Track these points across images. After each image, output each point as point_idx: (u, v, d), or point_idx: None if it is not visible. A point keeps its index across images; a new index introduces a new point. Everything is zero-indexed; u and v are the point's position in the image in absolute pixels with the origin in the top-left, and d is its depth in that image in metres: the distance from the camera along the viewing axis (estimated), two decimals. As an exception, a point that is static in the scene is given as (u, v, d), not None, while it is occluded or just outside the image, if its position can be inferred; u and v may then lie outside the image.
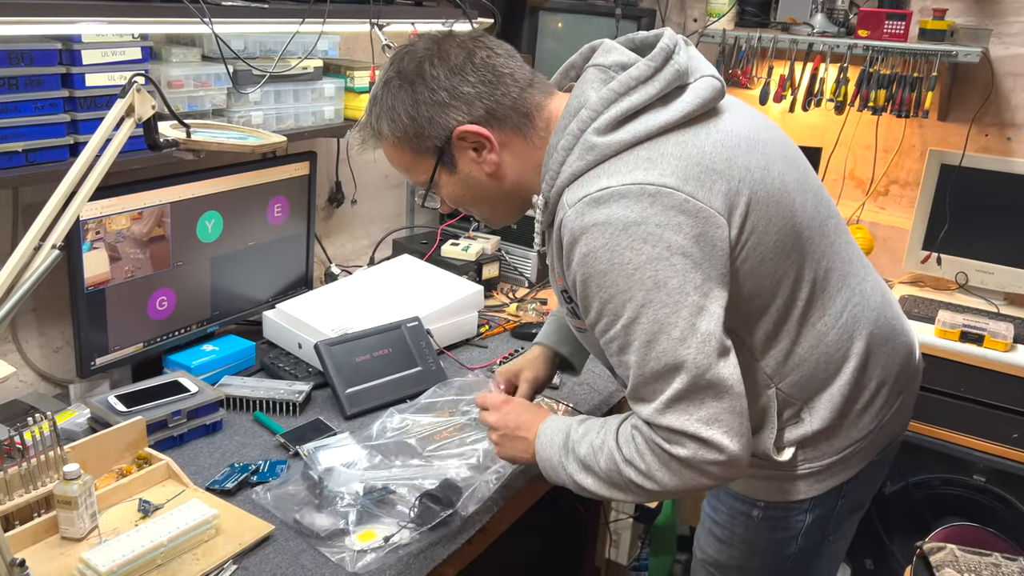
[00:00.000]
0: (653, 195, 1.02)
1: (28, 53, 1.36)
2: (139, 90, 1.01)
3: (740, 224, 1.08)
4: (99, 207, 1.54)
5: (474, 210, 1.26)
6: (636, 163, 1.05)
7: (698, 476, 1.07)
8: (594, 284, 1.05)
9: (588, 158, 1.08)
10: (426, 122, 1.13)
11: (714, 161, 1.07)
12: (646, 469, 1.08)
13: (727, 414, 1.04)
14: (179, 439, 1.54)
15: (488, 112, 1.12)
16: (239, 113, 1.76)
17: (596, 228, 1.03)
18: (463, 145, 1.14)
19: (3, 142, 1.36)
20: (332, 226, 2.40)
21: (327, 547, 1.28)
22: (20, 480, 1.26)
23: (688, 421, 1.04)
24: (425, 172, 1.18)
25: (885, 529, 2.40)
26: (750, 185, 1.09)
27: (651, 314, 1.02)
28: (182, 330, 1.81)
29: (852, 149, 2.79)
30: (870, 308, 1.25)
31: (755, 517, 1.30)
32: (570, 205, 1.07)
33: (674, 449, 1.05)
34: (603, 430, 1.16)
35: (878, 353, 1.25)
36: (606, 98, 1.09)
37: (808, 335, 1.18)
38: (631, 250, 1.02)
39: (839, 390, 1.21)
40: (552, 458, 1.22)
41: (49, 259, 0.88)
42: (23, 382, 1.71)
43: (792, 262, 1.14)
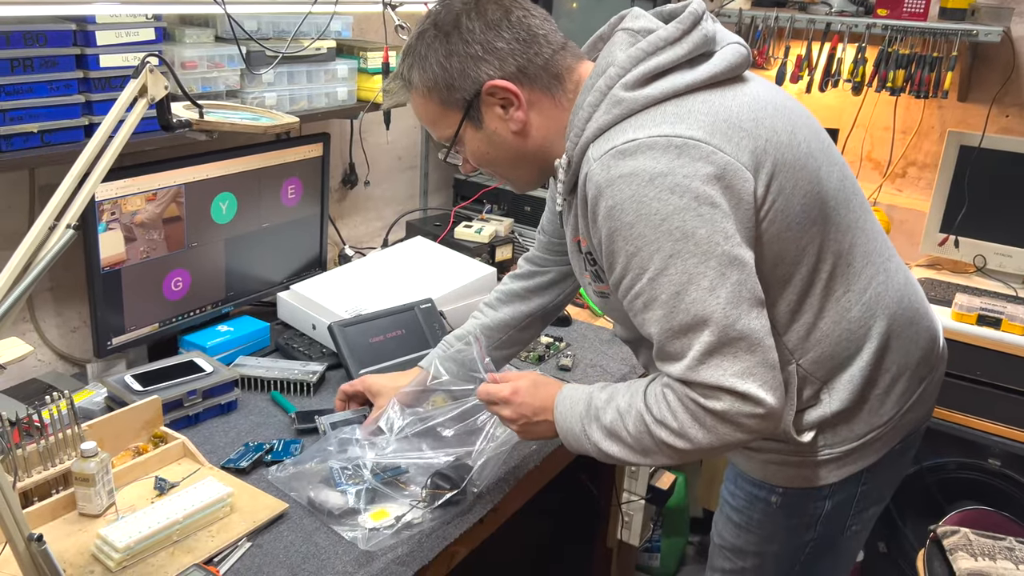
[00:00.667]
0: (680, 147, 1.02)
1: (43, 34, 1.37)
2: (152, 71, 1.01)
3: (767, 183, 1.07)
4: (114, 188, 1.55)
5: (496, 170, 1.25)
6: (663, 117, 1.05)
7: (734, 431, 1.05)
8: (620, 238, 1.04)
9: (615, 112, 1.07)
10: (457, 73, 1.13)
11: (741, 119, 1.07)
12: (679, 427, 1.06)
13: (760, 367, 1.03)
14: (194, 418, 1.56)
15: (519, 69, 1.13)
16: (252, 94, 1.76)
17: (622, 180, 1.02)
18: (491, 101, 1.14)
19: (19, 123, 1.38)
20: (346, 208, 2.40)
21: (340, 525, 1.29)
22: (39, 457, 1.28)
23: (723, 376, 1.02)
24: (451, 126, 1.18)
25: (899, 513, 2.40)
26: (776, 146, 1.09)
27: (679, 264, 1.01)
28: (197, 310, 1.82)
29: (869, 130, 2.76)
30: (894, 289, 1.24)
31: (773, 503, 1.29)
32: (595, 159, 1.06)
33: (711, 404, 1.03)
34: (629, 392, 1.14)
35: (900, 336, 1.24)
36: (634, 56, 1.09)
37: (831, 310, 1.17)
38: (658, 200, 1.01)
39: (859, 371, 1.20)
40: (574, 428, 1.20)
41: (64, 238, 0.89)
42: (41, 361, 1.73)
43: (817, 230, 1.13)
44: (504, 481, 1.47)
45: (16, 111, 1.37)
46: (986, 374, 2.23)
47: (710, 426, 1.05)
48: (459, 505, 1.36)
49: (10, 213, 1.60)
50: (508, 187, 1.33)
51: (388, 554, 1.25)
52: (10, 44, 1.33)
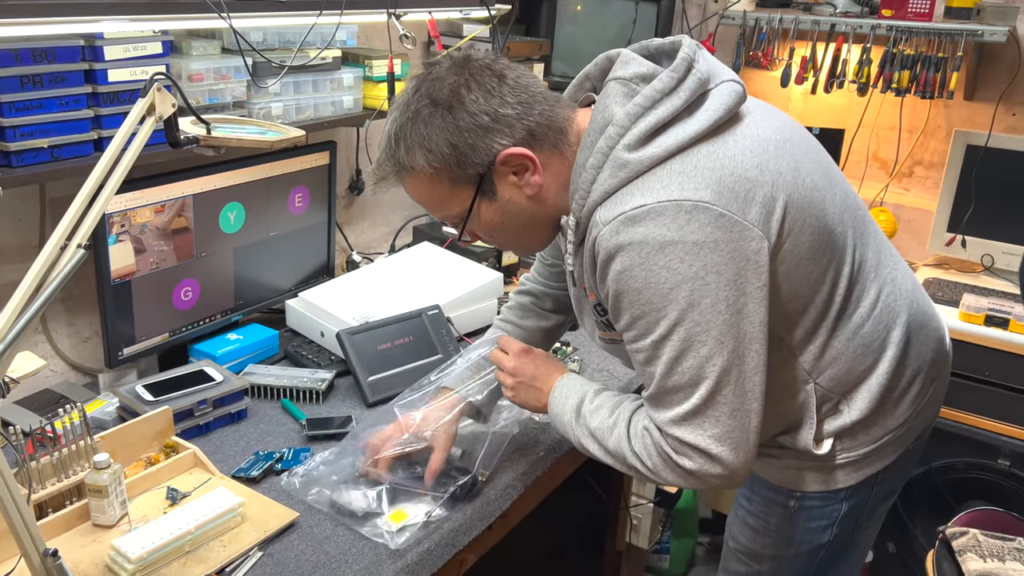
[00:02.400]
0: (689, 211, 1.02)
1: (51, 51, 1.38)
2: (159, 89, 1.03)
3: (778, 230, 1.07)
4: (123, 200, 1.57)
5: (507, 239, 1.24)
6: (670, 178, 1.04)
7: (698, 483, 1.12)
8: (627, 300, 1.07)
9: (620, 175, 1.06)
10: (468, 149, 1.09)
11: (746, 169, 1.07)
12: (652, 468, 1.14)
13: (738, 431, 1.08)
14: (205, 427, 1.57)
15: (529, 133, 1.10)
16: (259, 105, 1.78)
17: (632, 247, 1.03)
18: (504, 170, 1.12)
19: (29, 139, 1.39)
20: (353, 214, 2.42)
21: (364, 527, 1.31)
22: (52, 469, 1.30)
23: (700, 436, 1.08)
24: (462, 203, 1.15)
25: (908, 513, 2.40)
26: (784, 189, 1.09)
27: (682, 332, 1.04)
28: (207, 319, 1.84)
29: (875, 130, 2.75)
30: (903, 296, 1.24)
31: (791, 507, 1.31)
32: (604, 223, 1.06)
33: (680, 460, 1.10)
34: (617, 412, 1.20)
35: (914, 340, 1.25)
36: (632, 113, 1.07)
37: (843, 329, 1.18)
38: (667, 270, 1.02)
39: (877, 380, 1.21)
40: (563, 416, 1.27)
41: (75, 258, 0.90)
42: (53, 371, 1.75)
43: (827, 259, 1.14)
44: (512, 487, 1.48)
45: (26, 127, 1.38)
46: (994, 374, 2.22)
47: (679, 474, 1.12)
48: (472, 496, 1.39)
49: (22, 227, 1.62)
50: (514, 253, 1.33)
51: (397, 562, 1.26)
52: (19, 61, 1.35)
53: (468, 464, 1.39)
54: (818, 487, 1.27)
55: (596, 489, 2.25)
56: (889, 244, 1.30)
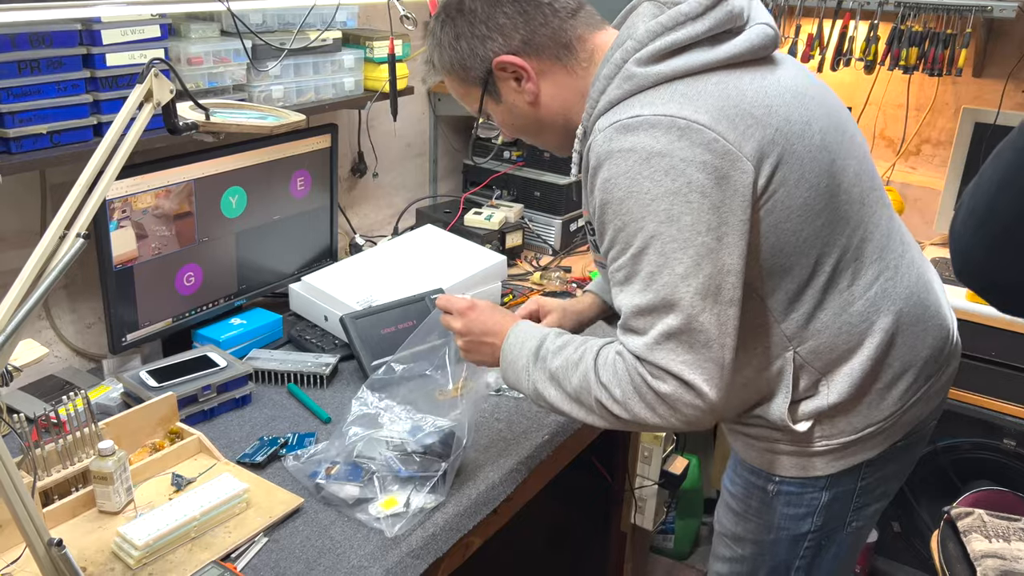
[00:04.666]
0: (683, 129, 1.02)
1: (48, 35, 1.37)
2: (157, 75, 1.02)
3: (769, 174, 1.06)
4: (124, 186, 1.56)
5: (527, 137, 1.29)
6: (671, 96, 1.06)
7: (671, 414, 1.07)
8: (610, 211, 1.06)
9: (625, 87, 1.08)
10: (468, 54, 1.18)
11: (753, 106, 1.07)
12: (621, 397, 1.09)
13: (710, 363, 1.05)
14: (209, 413, 1.57)
15: (524, 42, 1.16)
16: (259, 88, 1.76)
17: (620, 154, 1.04)
18: (504, 75, 1.18)
19: (28, 124, 1.38)
20: (356, 196, 2.40)
21: (359, 514, 1.31)
22: (57, 456, 1.30)
23: (673, 362, 1.04)
24: (476, 101, 1.23)
25: (913, 493, 2.40)
26: (787, 136, 1.08)
27: (659, 246, 1.03)
28: (210, 304, 1.84)
29: (882, 108, 2.72)
30: (903, 286, 1.22)
31: (770, 492, 1.30)
32: (600, 130, 1.08)
33: (656, 384, 1.06)
34: (583, 348, 1.16)
35: (905, 333, 1.22)
36: (652, 30, 1.09)
37: (833, 302, 1.17)
38: (650, 180, 1.02)
39: (860, 364, 1.19)
40: (517, 361, 1.22)
41: (74, 248, 0.89)
42: (58, 357, 1.75)
43: (822, 223, 1.13)
44: (516, 471, 1.48)
45: (25, 113, 1.37)
46: (1001, 354, 2.21)
47: (650, 402, 1.07)
48: (466, 482, 1.39)
49: (23, 212, 1.61)
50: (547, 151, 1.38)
51: (402, 546, 1.26)
52: (16, 46, 1.33)
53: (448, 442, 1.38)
54: (796, 472, 1.26)
55: (601, 471, 2.25)
56: (905, 233, 1.28)
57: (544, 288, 2.18)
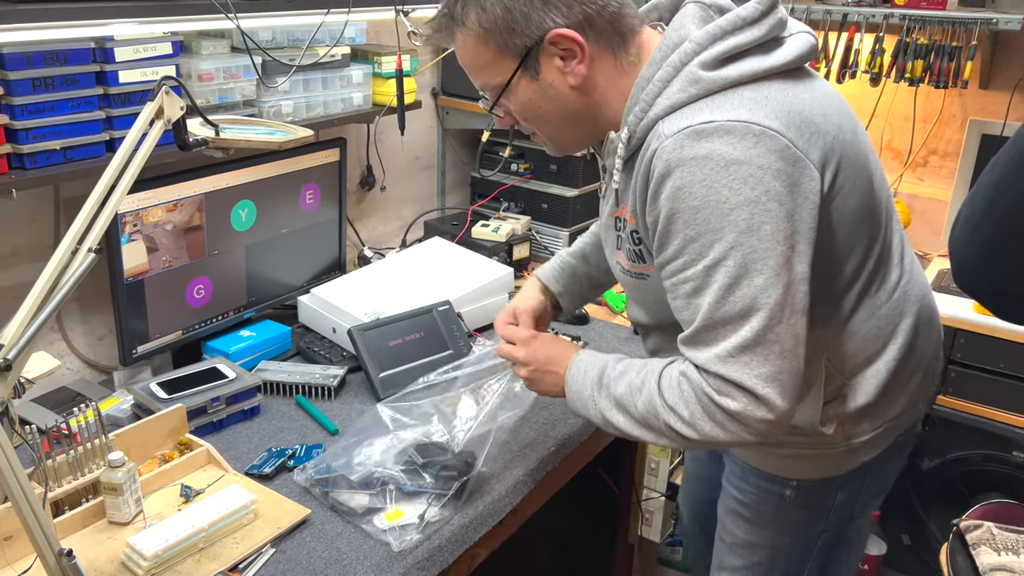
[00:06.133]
0: (758, 135, 0.99)
1: (63, 53, 1.40)
2: (168, 92, 1.04)
3: (831, 181, 1.06)
4: (135, 200, 1.58)
5: (539, 126, 1.19)
6: (741, 102, 1.02)
7: (741, 430, 1.05)
8: (681, 220, 1.02)
9: (691, 91, 1.03)
10: (521, 17, 1.06)
11: (813, 113, 1.05)
12: (689, 417, 1.07)
13: (786, 375, 1.03)
14: (218, 424, 1.59)
15: (587, 19, 1.06)
16: (269, 103, 1.79)
17: (695, 162, 0.99)
18: (552, 51, 1.08)
19: (42, 140, 1.41)
20: (364, 209, 2.42)
21: (367, 524, 1.32)
22: (68, 467, 1.32)
23: (747, 375, 1.02)
24: (503, 74, 1.11)
25: (923, 506, 2.39)
26: (842, 143, 1.08)
27: (739, 257, 1.00)
28: (219, 317, 1.85)
29: (889, 120, 2.73)
30: (917, 288, 1.24)
31: (787, 497, 1.30)
32: (668, 135, 1.02)
33: (724, 401, 1.03)
34: (644, 371, 1.14)
35: (922, 333, 1.25)
36: (713, 33, 1.05)
37: (865, 306, 1.18)
38: (729, 189, 0.98)
39: (886, 366, 1.21)
40: (583, 392, 1.21)
41: (86, 262, 0.91)
42: (69, 369, 1.77)
43: (866, 230, 1.14)
44: (522, 483, 1.49)
45: (39, 129, 1.40)
46: (1009, 366, 2.21)
47: (720, 421, 1.05)
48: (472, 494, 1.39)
49: (35, 227, 1.64)
50: (543, 147, 1.26)
51: (408, 559, 1.27)
52: (31, 64, 1.36)
53: (467, 461, 1.39)
54: (815, 475, 1.27)
55: (608, 483, 2.25)
56: (905, 234, 1.30)
57: (551, 300, 2.19)
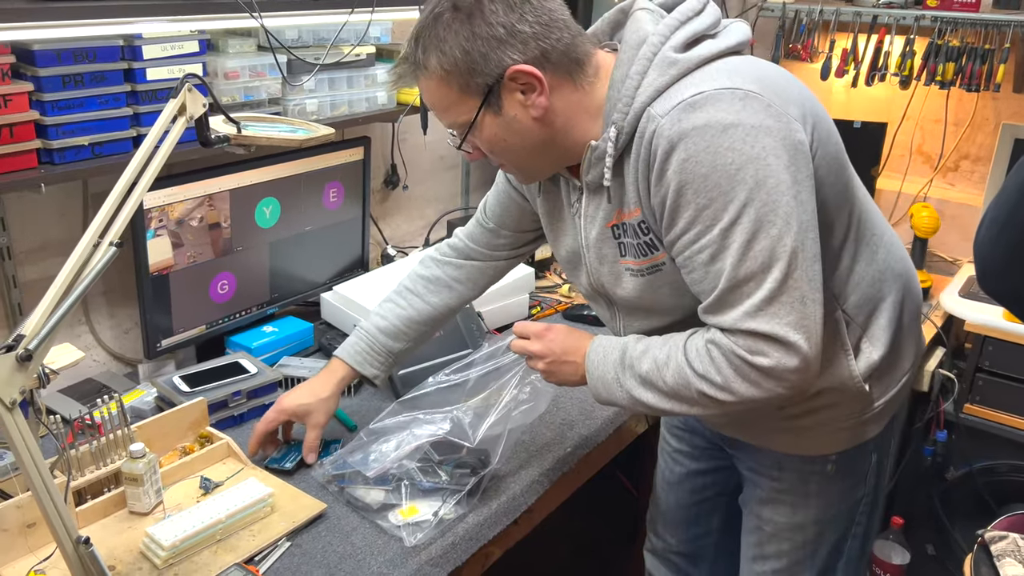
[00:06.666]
0: (743, 98, 1.05)
1: (92, 51, 1.42)
2: (190, 89, 1.05)
3: (811, 133, 1.11)
4: (161, 196, 1.61)
5: (508, 158, 1.23)
6: (718, 73, 1.08)
7: (775, 386, 1.08)
8: (691, 191, 1.05)
9: (671, 72, 1.09)
10: (480, 58, 1.10)
11: (777, 79, 1.12)
12: (723, 382, 1.10)
13: (811, 321, 1.07)
14: (239, 418, 1.61)
15: (542, 54, 1.11)
16: (294, 101, 1.80)
17: (696, 132, 1.04)
18: (512, 86, 1.12)
19: (71, 136, 1.43)
20: (388, 208, 2.44)
21: (382, 520, 1.33)
22: (91, 457, 1.34)
23: (778, 324, 1.05)
24: (468, 112, 1.15)
25: (948, 516, 2.35)
26: (810, 104, 1.14)
27: (752, 213, 1.04)
28: (243, 312, 1.88)
29: (920, 124, 2.69)
30: (897, 240, 1.32)
31: (829, 471, 1.34)
32: (663, 115, 1.07)
33: (757, 360, 1.07)
34: (667, 345, 1.17)
35: (911, 280, 1.31)
36: (672, 24, 1.12)
37: (864, 253, 1.23)
38: (732, 151, 1.03)
39: (888, 310, 1.26)
40: (606, 375, 1.23)
41: (107, 256, 0.93)
42: (96, 361, 1.80)
43: (846, 177, 1.20)
44: (538, 483, 1.49)
45: (68, 125, 1.43)
46: (1039, 375, 2.17)
47: (754, 380, 1.08)
48: (487, 493, 1.40)
49: (64, 221, 1.67)
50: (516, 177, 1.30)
51: (422, 555, 1.28)
52: (61, 61, 1.39)
53: (481, 459, 1.40)
54: (852, 443, 1.32)
55: (627, 485, 2.25)
56: None
57: (573, 300, 2.19)
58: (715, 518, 1.66)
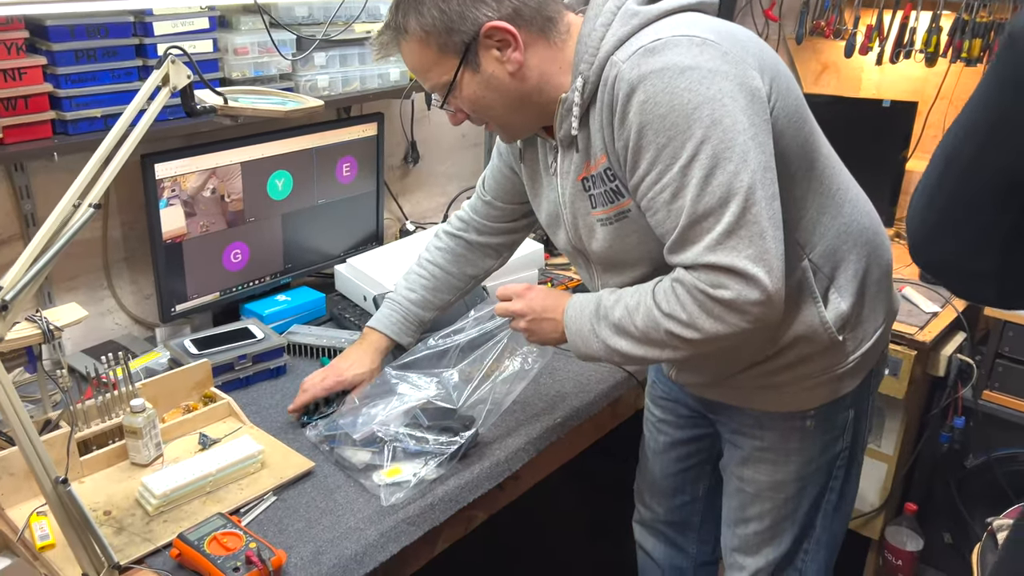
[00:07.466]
0: (700, 44, 1.10)
1: (104, 26, 1.50)
2: (174, 62, 1.11)
3: (769, 84, 1.15)
4: (174, 167, 1.68)
5: (491, 115, 1.27)
6: (678, 24, 1.13)
7: (739, 319, 1.12)
8: (651, 131, 1.10)
9: (633, 23, 1.14)
10: (456, 16, 1.16)
11: (735, 34, 1.17)
12: (688, 319, 1.14)
13: (771, 255, 1.10)
14: (245, 381, 1.68)
15: (515, 11, 1.17)
16: (305, 77, 1.86)
17: (654, 75, 1.09)
18: (488, 43, 1.18)
19: (84, 108, 1.51)
20: (409, 184, 2.49)
21: (364, 479, 1.38)
22: (96, 411, 1.43)
23: (737, 257, 1.09)
24: (448, 72, 1.21)
25: (966, 504, 2.30)
26: (771, 61, 1.19)
27: (709, 150, 1.08)
28: (257, 281, 1.95)
29: (953, 103, 2.61)
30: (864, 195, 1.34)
31: (808, 427, 1.38)
32: (624, 60, 1.12)
33: (718, 292, 1.10)
34: (637, 293, 1.22)
35: (879, 235, 1.33)
36: None
37: (829, 206, 1.26)
38: (689, 91, 1.07)
39: (855, 262, 1.28)
40: (583, 328, 1.27)
41: (85, 216, 0.99)
42: (118, 324, 1.90)
43: (808, 130, 1.23)
44: (524, 450, 1.52)
45: (81, 98, 1.50)
46: (1062, 362, 2.10)
47: (718, 315, 1.12)
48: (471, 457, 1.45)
49: (87, 190, 1.76)
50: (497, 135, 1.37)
51: (399, 513, 1.33)
52: (75, 36, 1.47)
53: (465, 423, 1.44)
54: (829, 397, 1.36)
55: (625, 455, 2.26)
56: None
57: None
58: (700, 486, 1.67)
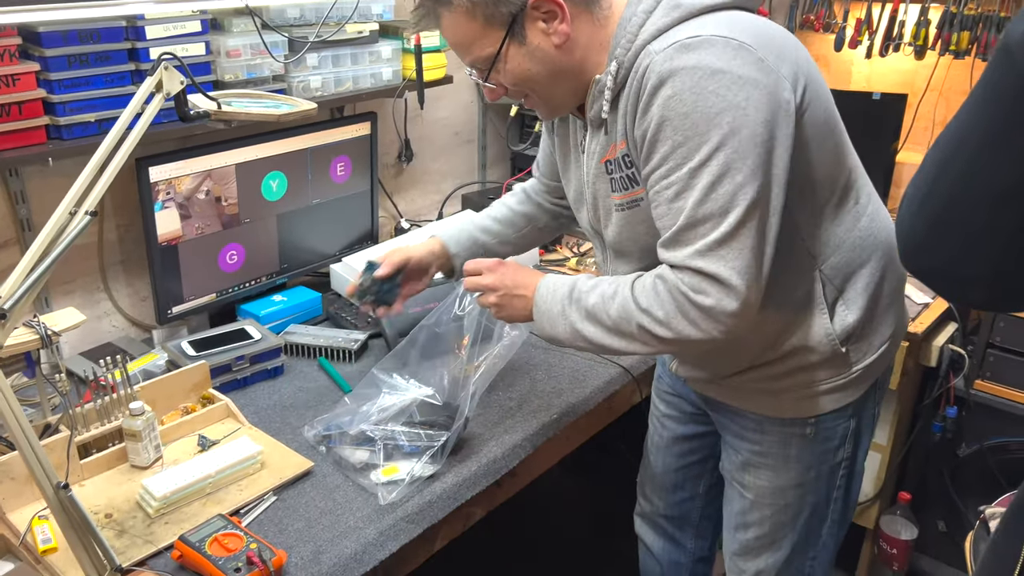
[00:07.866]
0: (736, 48, 1.09)
1: (96, 31, 1.50)
2: (167, 68, 1.11)
3: (802, 93, 1.14)
4: (168, 170, 1.69)
5: (532, 88, 1.26)
6: (719, 22, 1.12)
7: (712, 327, 1.12)
8: (670, 127, 1.10)
9: (674, 15, 1.13)
10: None
11: (774, 38, 1.15)
12: (664, 317, 1.14)
13: (755, 271, 1.11)
14: (243, 382, 1.69)
15: None
16: (298, 78, 1.86)
17: (685, 72, 1.08)
18: (535, 15, 1.17)
19: (77, 113, 1.52)
20: (403, 182, 2.49)
21: (363, 479, 1.40)
22: (96, 414, 1.44)
23: (724, 267, 1.10)
24: (493, 44, 1.19)
25: (959, 492, 2.33)
26: (804, 63, 1.17)
27: (722, 157, 1.08)
28: (253, 282, 1.96)
29: (944, 95, 2.63)
30: (884, 210, 1.34)
31: (808, 435, 1.38)
32: (658, 52, 1.11)
33: (698, 298, 1.11)
34: (617, 282, 1.22)
35: (894, 256, 1.31)
36: None
37: (846, 218, 1.26)
38: (715, 95, 1.07)
39: (869, 275, 1.28)
40: (552, 308, 1.26)
41: (82, 224, 1.00)
42: (115, 327, 1.91)
43: (834, 142, 1.22)
44: (520, 447, 1.53)
45: (75, 103, 1.51)
46: (1053, 351, 2.12)
47: (693, 319, 1.13)
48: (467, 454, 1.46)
49: (82, 194, 1.76)
50: (536, 112, 1.34)
51: (398, 511, 1.34)
52: (67, 42, 1.47)
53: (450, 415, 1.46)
54: (831, 406, 1.35)
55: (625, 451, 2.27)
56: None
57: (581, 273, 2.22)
58: (701, 483, 1.69)
